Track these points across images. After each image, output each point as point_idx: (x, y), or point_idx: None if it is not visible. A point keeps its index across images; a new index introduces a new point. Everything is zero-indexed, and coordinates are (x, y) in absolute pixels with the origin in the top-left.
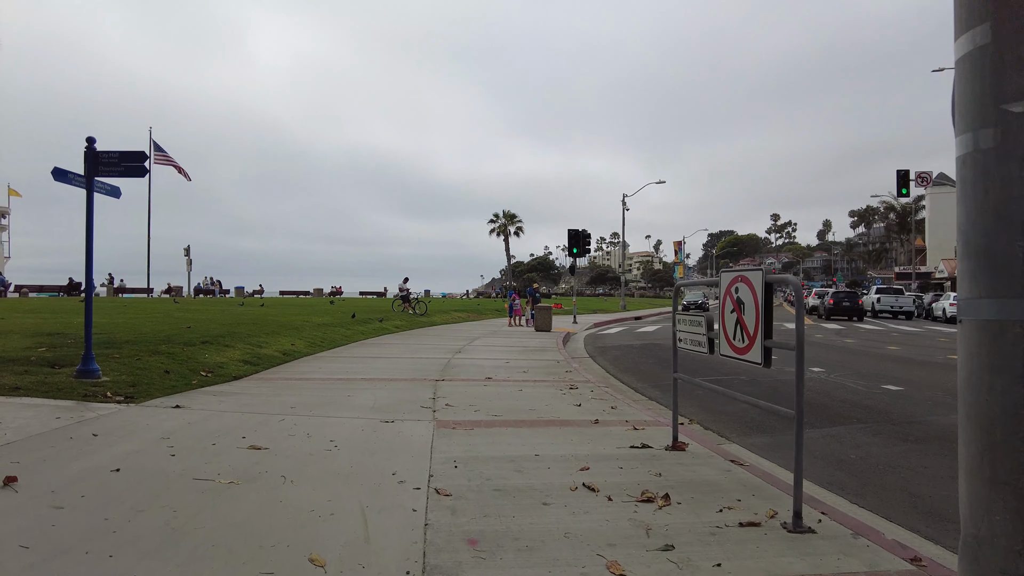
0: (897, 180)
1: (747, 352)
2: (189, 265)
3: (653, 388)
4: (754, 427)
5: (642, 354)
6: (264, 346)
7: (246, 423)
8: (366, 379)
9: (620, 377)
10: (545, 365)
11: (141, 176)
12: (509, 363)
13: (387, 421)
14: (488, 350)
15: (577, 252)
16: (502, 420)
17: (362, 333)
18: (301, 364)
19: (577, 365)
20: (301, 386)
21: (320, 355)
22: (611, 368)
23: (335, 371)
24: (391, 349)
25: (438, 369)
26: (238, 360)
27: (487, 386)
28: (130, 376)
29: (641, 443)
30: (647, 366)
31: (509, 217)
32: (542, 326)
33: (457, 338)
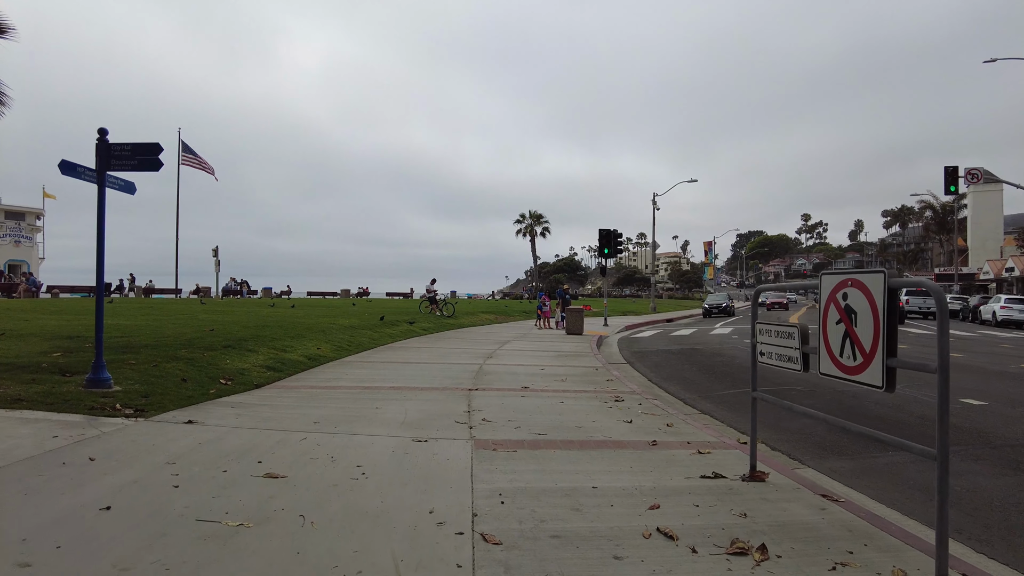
0: (945, 177)
1: (860, 372)
2: (217, 266)
3: (704, 400)
4: (827, 447)
5: (683, 360)
6: (289, 350)
7: (263, 443)
8: (395, 388)
9: (665, 387)
10: (583, 372)
11: (155, 170)
12: (544, 370)
13: (420, 440)
14: (521, 355)
15: (608, 252)
16: (547, 440)
17: (389, 336)
18: (327, 370)
19: (618, 373)
20: (326, 396)
21: (347, 360)
22: (653, 376)
23: (362, 378)
24: (420, 354)
25: (470, 377)
26: (261, 366)
27: (524, 397)
28: (144, 385)
29: (713, 472)
30: (691, 374)
31: (536, 217)
32: (573, 329)
33: (487, 341)
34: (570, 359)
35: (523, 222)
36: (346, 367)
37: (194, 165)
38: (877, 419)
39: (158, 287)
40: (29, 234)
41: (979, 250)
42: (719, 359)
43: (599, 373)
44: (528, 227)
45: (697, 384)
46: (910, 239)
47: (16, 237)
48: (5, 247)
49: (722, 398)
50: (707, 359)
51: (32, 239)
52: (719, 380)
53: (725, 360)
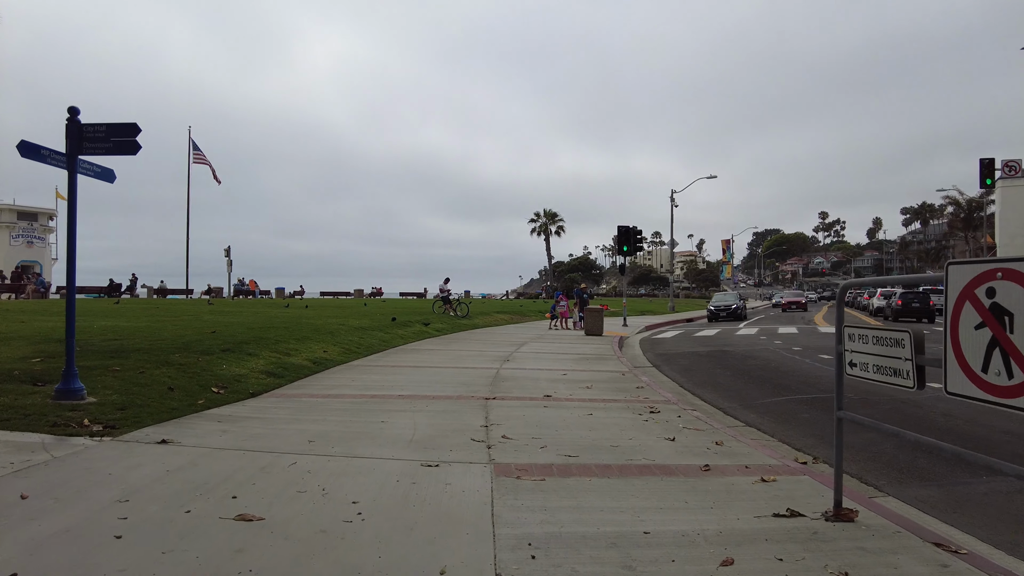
0: (980, 170)
1: (1020, 394)
2: (230, 266)
3: (746, 410)
4: (903, 469)
5: (713, 364)
6: (292, 354)
7: (245, 469)
8: (404, 396)
9: (700, 394)
10: (609, 378)
11: (133, 153)
12: (567, 375)
13: (430, 464)
14: (540, 358)
15: (627, 250)
16: (580, 464)
17: (401, 337)
18: (332, 375)
19: (647, 379)
20: (327, 407)
21: (354, 364)
22: (685, 382)
23: (369, 385)
24: (432, 357)
25: (486, 383)
26: (260, 371)
27: (548, 407)
28: (123, 396)
29: (788, 509)
30: (726, 380)
31: (550, 216)
32: (592, 329)
33: (503, 343)
34: (593, 362)
35: (537, 221)
36: (353, 372)
37: (203, 162)
38: (951, 433)
39: (170, 287)
40: (42, 235)
41: (1007, 247)
42: (753, 362)
43: (627, 379)
44: (543, 226)
45: (734, 391)
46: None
47: (29, 238)
48: (18, 248)
49: (766, 408)
50: (739, 362)
51: (45, 240)
52: (757, 386)
53: (759, 363)
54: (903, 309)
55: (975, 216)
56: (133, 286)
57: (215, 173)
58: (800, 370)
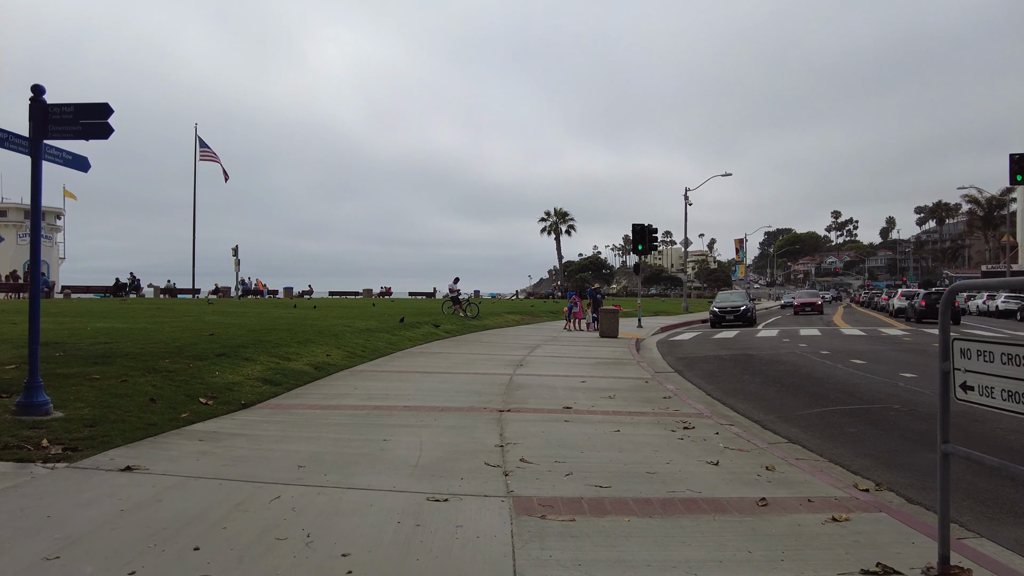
0: (1011, 165)
1: None
2: (237, 265)
3: (786, 423)
4: (986, 500)
5: (739, 369)
6: (293, 358)
7: (218, 507)
8: (410, 407)
9: (733, 405)
10: (632, 386)
11: (104, 137)
12: (586, 383)
13: (437, 499)
14: (555, 363)
15: (643, 249)
16: (614, 498)
17: (409, 340)
18: (333, 382)
19: (672, 387)
20: (325, 420)
21: (358, 369)
22: (713, 391)
23: (373, 394)
24: (441, 361)
25: (500, 391)
26: (256, 378)
27: (569, 422)
28: (96, 409)
29: (878, 564)
30: (756, 387)
31: (561, 215)
32: (607, 331)
33: (515, 345)
34: (612, 368)
35: (548, 220)
36: (356, 378)
37: (211, 159)
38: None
39: (179, 287)
40: (49, 234)
41: None
42: (781, 368)
43: (651, 387)
44: (553, 225)
45: (768, 401)
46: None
47: None
48: (25, 247)
49: (807, 421)
50: (766, 367)
51: (52, 239)
52: (792, 395)
53: (788, 369)
54: (927, 310)
55: (995, 215)
56: (131, 285)
57: (224, 170)
58: (835, 377)
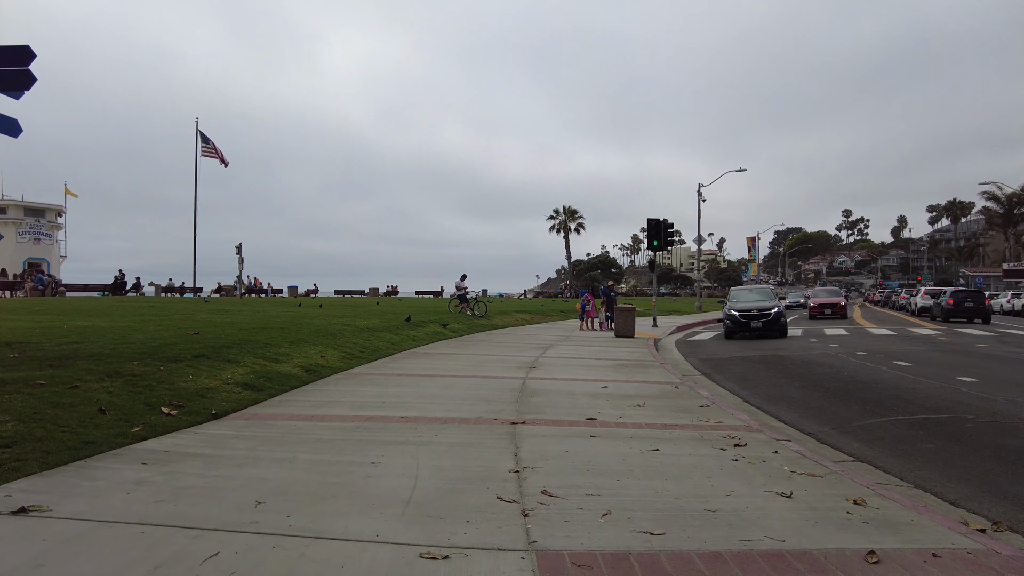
0: None
1: None
2: (241, 264)
3: (844, 436)
4: None
5: (772, 371)
6: (282, 360)
7: (125, 572)
8: (408, 419)
9: (778, 414)
10: (661, 392)
11: (25, 88)
12: (608, 388)
13: (434, 555)
14: (571, 365)
15: (658, 245)
16: (672, 551)
17: (413, 339)
18: (323, 387)
19: (706, 393)
20: (304, 436)
21: (354, 372)
22: (751, 396)
23: (366, 401)
24: (446, 363)
25: (511, 399)
26: (236, 383)
27: (597, 437)
28: (23, 424)
29: None
30: (797, 392)
31: (570, 213)
32: (623, 331)
33: (526, 345)
34: (635, 371)
35: (557, 218)
36: (350, 383)
37: (212, 155)
38: None
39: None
40: (49, 232)
41: None
42: (820, 371)
43: (682, 393)
44: (562, 223)
45: (817, 408)
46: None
47: (36, 235)
48: (25, 245)
49: (868, 433)
50: (802, 370)
51: (52, 237)
52: (841, 402)
53: (828, 372)
54: (955, 309)
55: (1015, 212)
56: (127, 283)
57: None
58: (883, 381)
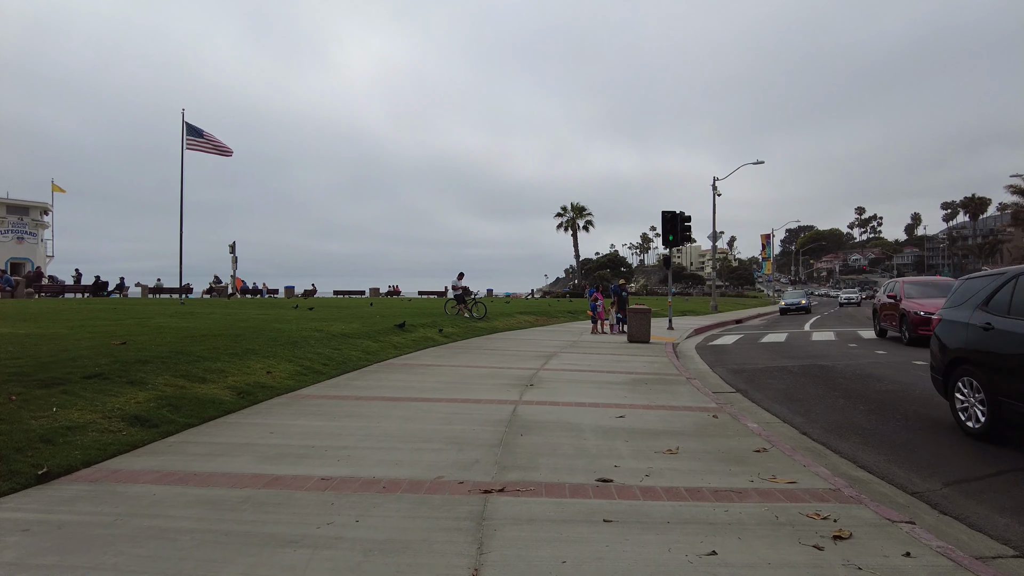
0: None
1: None
2: (234, 263)
3: (971, 500)
4: None
5: (821, 386)
6: (211, 378)
7: None
8: (328, 482)
9: (861, 458)
10: (696, 423)
11: None
12: (626, 419)
13: None
14: (577, 381)
15: (674, 239)
16: None
17: (395, 347)
18: (245, 420)
19: (755, 425)
20: (142, 525)
21: (301, 394)
22: (809, 425)
23: (288, 445)
24: (424, 379)
25: (493, 439)
26: (125, 415)
27: (613, 523)
28: None
29: None
30: (863, 417)
31: (578, 210)
32: (638, 335)
33: (526, 354)
34: (657, 389)
35: (564, 215)
36: (285, 412)
37: (202, 148)
38: None
39: (166, 286)
40: (34, 230)
41: None
42: (882, 386)
43: (725, 426)
44: (570, 220)
45: (906, 447)
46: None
47: (19, 233)
48: (7, 244)
49: (1003, 489)
50: (859, 385)
51: (37, 235)
52: (930, 435)
53: (895, 388)
54: None
55: None
56: (105, 284)
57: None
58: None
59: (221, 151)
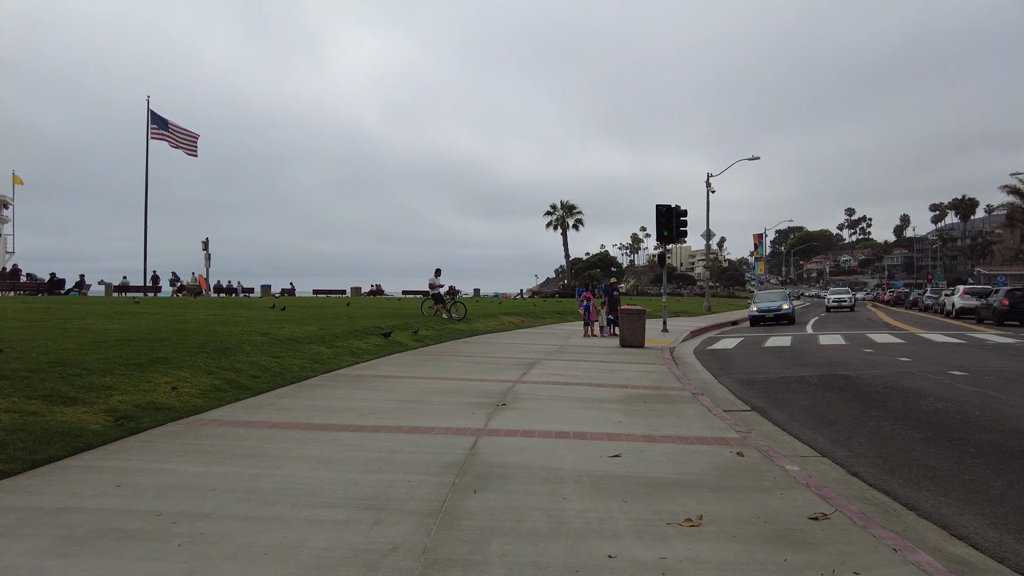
0: None
1: None
2: (208, 260)
3: None
4: None
5: (853, 403)
6: (83, 400)
7: None
8: None
9: (954, 525)
10: (715, 468)
11: None
12: (622, 459)
13: None
14: (560, 399)
15: (668, 235)
16: None
17: (352, 354)
18: (103, 462)
19: (795, 468)
20: None
21: (203, 419)
22: (861, 463)
23: (131, 510)
24: (371, 397)
25: (433, 501)
26: None
27: None
28: None
29: None
30: (922, 448)
31: (568, 208)
32: (631, 339)
33: (504, 362)
34: (659, 409)
35: (554, 213)
36: (158, 452)
37: (168, 139)
38: None
39: (132, 284)
40: None
41: None
42: (928, 404)
43: (756, 471)
44: (559, 219)
45: (1015, 502)
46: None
47: None
48: None
49: None
50: (899, 402)
51: None
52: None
53: (948, 408)
54: (1011, 310)
55: None
56: (62, 282)
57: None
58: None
59: (187, 145)
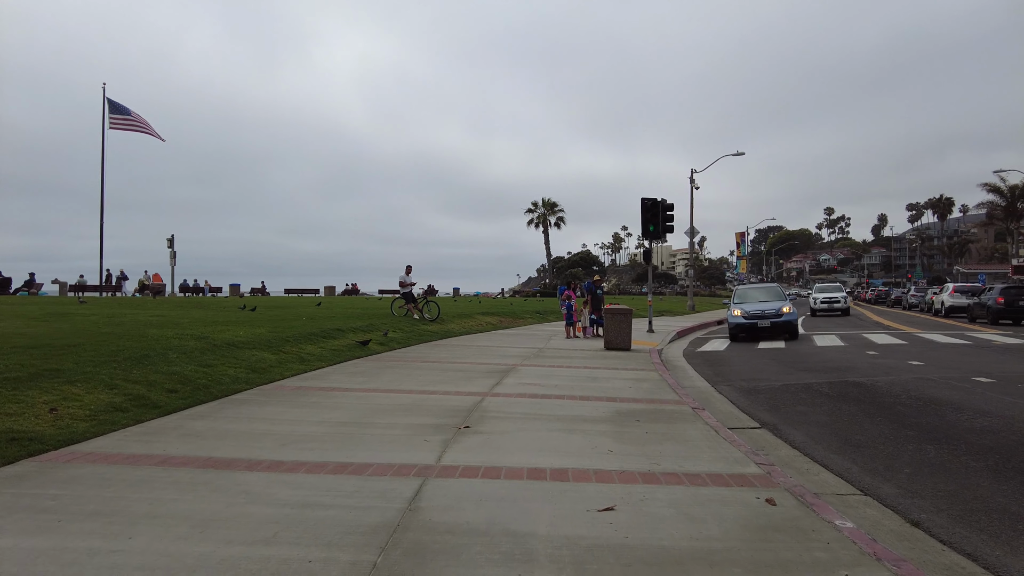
0: None
1: None
2: (173, 258)
3: None
4: None
5: (878, 418)
6: None
7: None
8: None
9: None
10: (745, 528)
11: None
12: (617, 512)
13: None
14: (537, 418)
15: (654, 230)
16: None
17: (301, 360)
18: None
19: (849, 525)
20: None
21: (73, 452)
22: (925, 511)
23: None
24: (301, 420)
25: None
26: None
27: None
28: None
29: None
30: (990, 483)
31: (549, 206)
32: (617, 341)
33: (475, 369)
34: (656, 434)
35: (535, 211)
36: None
37: (126, 127)
38: None
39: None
40: None
41: None
42: (970, 420)
43: (799, 534)
44: (541, 216)
45: None
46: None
47: None
48: None
49: None
50: (932, 417)
51: None
52: None
53: (996, 424)
54: (1006, 308)
55: (1019, 205)
56: (9, 281)
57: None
58: None
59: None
